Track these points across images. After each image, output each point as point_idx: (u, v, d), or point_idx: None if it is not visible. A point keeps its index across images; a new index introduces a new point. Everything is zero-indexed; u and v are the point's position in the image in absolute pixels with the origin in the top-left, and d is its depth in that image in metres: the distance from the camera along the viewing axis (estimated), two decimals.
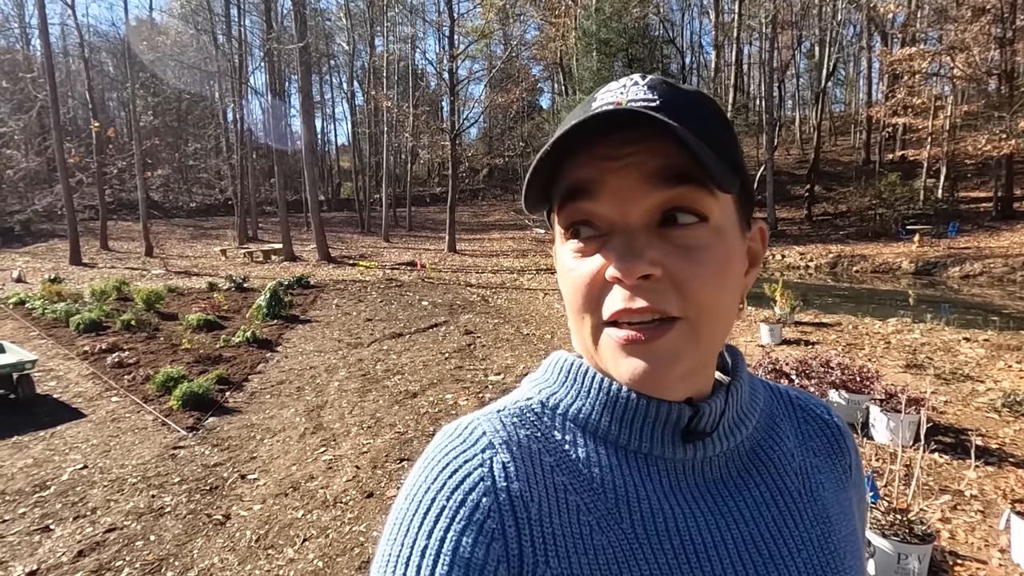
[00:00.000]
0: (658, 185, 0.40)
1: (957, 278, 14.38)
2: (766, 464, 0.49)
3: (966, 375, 5.38)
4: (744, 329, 7.69)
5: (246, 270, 15.40)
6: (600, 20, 22.54)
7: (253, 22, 29.64)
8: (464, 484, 0.41)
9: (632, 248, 0.40)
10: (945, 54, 18.62)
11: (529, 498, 0.42)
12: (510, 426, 0.46)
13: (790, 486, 0.49)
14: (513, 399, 0.50)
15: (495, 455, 0.43)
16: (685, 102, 0.42)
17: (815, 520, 0.48)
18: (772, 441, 0.51)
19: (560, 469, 0.44)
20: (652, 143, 0.40)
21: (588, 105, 0.44)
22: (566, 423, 0.47)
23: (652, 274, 0.40)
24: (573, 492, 0.43)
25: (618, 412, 0.45)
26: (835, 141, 35.34)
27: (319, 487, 3.59)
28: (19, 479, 3.76)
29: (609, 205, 0.41)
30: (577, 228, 0.43)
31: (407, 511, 0.41)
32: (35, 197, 26.61)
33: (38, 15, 16.92)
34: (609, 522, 0.42)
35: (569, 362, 0.50)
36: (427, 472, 0.43)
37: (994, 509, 3.05)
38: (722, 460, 0.47)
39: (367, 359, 6.65)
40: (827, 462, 0.54)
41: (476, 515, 0.40)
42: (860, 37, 33.48)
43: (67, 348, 7.03)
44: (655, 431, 0.45)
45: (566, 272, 0.44)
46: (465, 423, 0.47)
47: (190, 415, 4.79)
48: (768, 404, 0.54)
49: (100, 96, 32.92)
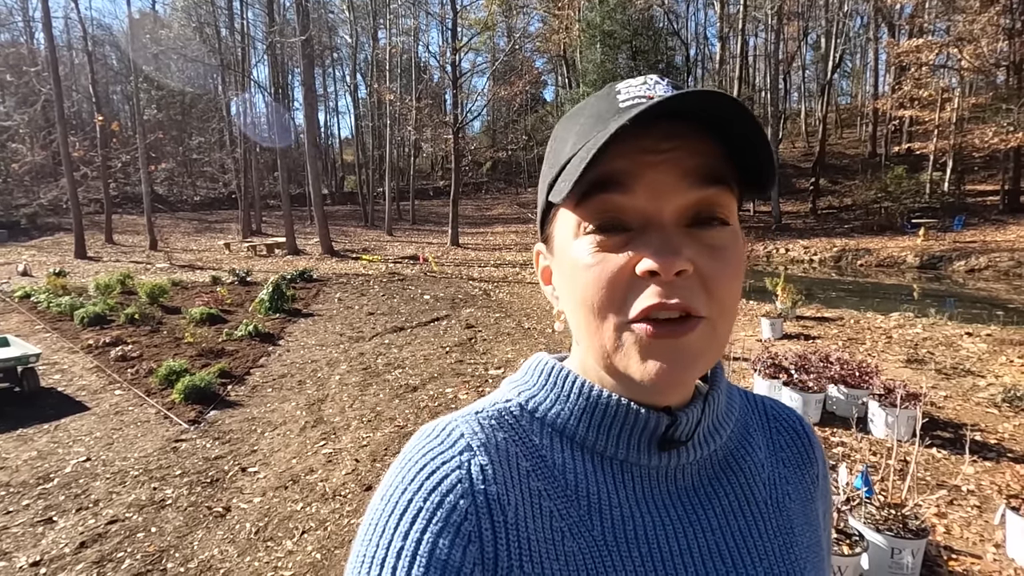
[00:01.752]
0: (695, 184, 0.40)
1: (962, 272, 14.30)
2: (737, 474, 0.50)
3: (967, 370, 5.36)
4: (745, 324, 7.68)
5: (249, 264, 15.45)
6: (604, 12, 22.38)
7: (256, 15, 29.61)
8: (442, 486, 0.41)
9: (670, 244, 0.39)
10: (953, 45, 18.44)
11: (506, 501, 0.42)
12: (488, 428, 0.45)
13: (758, 496, 0.50)
14: (491, 401, 0.49)
15: (473, 457, 0.43)
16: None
17: (778, 530, 0.49)
18: (744, 451, 0.52)
19: (536, 474, 0.44)
20: (692, 140, 0.40)
21: (611, 99, 0.43)
22: (544, 427, 0.47)
23: (686, 270, 0.39)
24: (547, 498, 0.43)
25: (596, 418, 0.45)
26: (841, 134, 35.08)
27: (319, 480, 3.62)
28: (24, 471, 3.81)
29: (644, 199, 0.40)
30: (603, 222, 0.41)
31: (383, 512, 0.41)
32: (40, 191, 26.73)
33: (41, 8, 16.93)
34: (581, 529, 0.43)
35: (550, 365, 0.49)
36: (404, 473, 0.42)
37: (990, 504, 3.05)
38: (695, 468, 0.48)
39: (368, 353, 6.68)
40: (796, 473, 0.54)
41: (453, 517, 0.40)
42: (867, 28, 33.17)
43: (71, 341, 7.09)
44: (632, 438, 0.45)
45: (584, 268, 0.41)
46: (443, 424, 0.46)
47: (192, 408, 4.84)
48: (743, 413, 0.55)
49: (104, 90, 32.95)
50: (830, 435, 3.99)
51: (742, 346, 6.33)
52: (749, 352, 5.82)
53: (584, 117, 0.44)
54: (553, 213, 0.47)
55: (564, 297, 0.46)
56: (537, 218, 0.50)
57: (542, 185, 0.48)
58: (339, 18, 37.29)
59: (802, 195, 25.45)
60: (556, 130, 0.48)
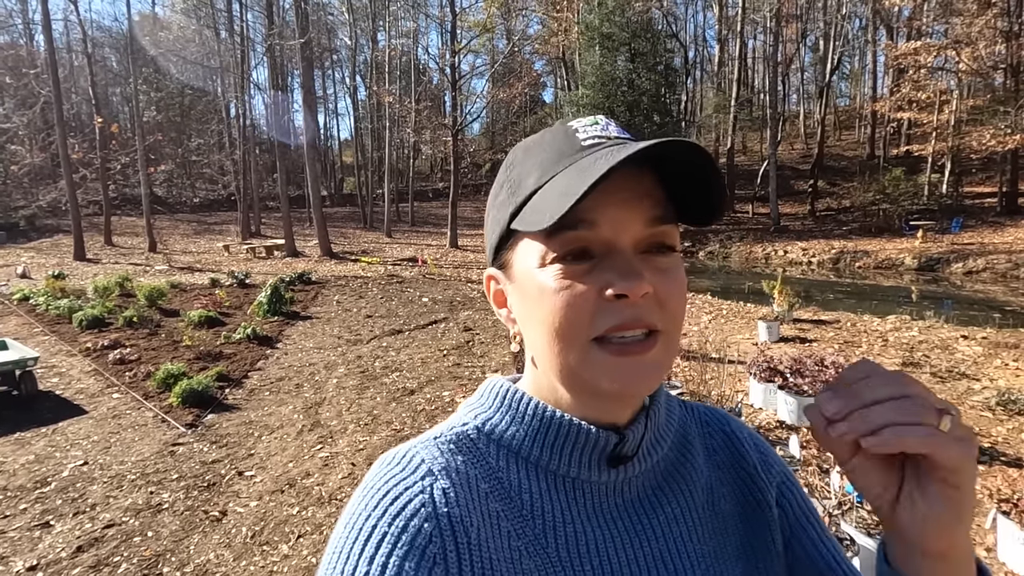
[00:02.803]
0: (650, 224, 0.44)
1: (960, 274, 14.33)
2: (679, 481, 0.54)
3: (962, 373, 5.38)
4: (742, 326, 7.70)
5: (248, 266, 15.46)
6: (603, 14, 22.40)
7: (255, 17, 29.61)
8: (406, 510, 0.42)
9: (633, 269, 0.43)
10: (951, 48, 18.46)
11: (468, 523, 0.43)
12: (447, 453, 0.47)
13: (697, 502, 0.54)
14: (449, 425, 0.51)
15: (435, 481, 0.44)
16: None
17: (714, 533, 0.53)
18: (685, 459, 0.55)
19: (494, 496, 0.46)
20: (644, 180, 0.45)
21: (570, 136, 0.47)
22: (500, 449, 0.49)
23: (649, 292, 0.43)
24: (505, 519, 0.46)
25: (550, 438, 0.48)
26: (839, 136, 35.14)
27: (315, 484, 3.64)
28: (21, 475, 3.83)
29: (607, 232, 0.44)
30: (569, 252, 0.44)
31: (347, 539, 0.41)
32: (39, 193, 26.74)
33: (41, 11, 16.97)
34: (536, 548, 0.45)
35: (505, 388, 0.52)
36: (367, 500, 0.43)
37: (981, 508, 3.07)
38: (640, 480, 0.51)
39: (366, 356, 6.70)
40: (730, 473, 0.58)
41: (418, 540, 0.41)
42: (865, 31, 33.23)
43: (70, 344, 7.10)
44: (583, 456, 0.48)
45: (552, 293, 0.44)
46: (403, 451, 0.48)
47: (190, 412, 4.85)
48: (682, 423, 0.58)
49: (103, 91, 32.95)
50: None
51: (738, 349, 6.35)
52: (745, 356, 5.84)
53: (545, 152, 0.48)
54: (513, 241, 0.49)
55: (526, 320, 0.48)
56: (491, 243, 0.52)
57: (499, 213, 0.50)
58: (338, 20, 37.34)
59: (801, 197, 25.48)
60: (513, 160, 0.51)
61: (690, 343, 6.30)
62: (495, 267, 0.52)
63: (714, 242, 21.19)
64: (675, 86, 26.15)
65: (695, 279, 14.44)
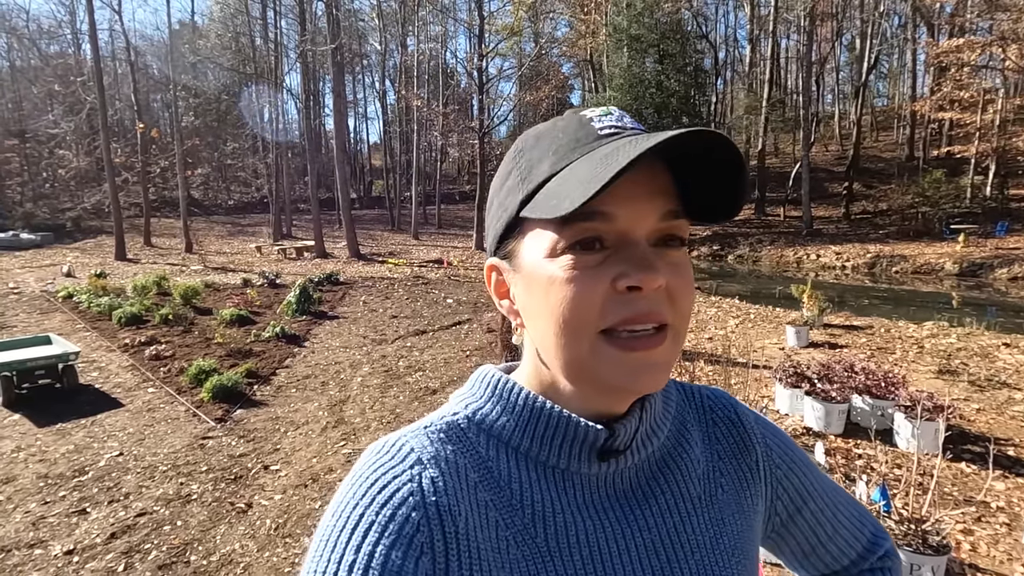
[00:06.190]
0: (665, 218, 0.44)
1: (1005, 280, 13.75)
2: (673, 472, 0.53)
3: (1003, 382, 5.16)
4: (771, 331, 7.54)
5: (279, 266, 15.82)
6: (631, 16, 22.28)
7: (289, 24, 30.36)
8: (393, 499, 0.42)
9: (647, 261, 0.42)
10: (996, 45, 17.74)
11: (457, 512, 0.43)
12: (437, 442, 0.47)
13: (692, 492, 0.53)
14: (440, 415, 0.51)
15: (424, 470, 0.44)
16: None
17: (710, 523, 0.52)
18: (681, 448, 0.54)
19: (483, 486, 0.46)
20: (660, 174, 0.44)
21: (586, 125, 0.45)
22: (490, 439, 0.49)
23: (662, 285, 0.42)
24: (494, 508, 0.45)
25: (539, 429, 0.48)
26: (876, 137, 34.09)
27: (337, 480, 3.70)
28: (61, 464, 4.00)
29: (623, 223, 0.43)
30: (581, 241, 0.43)
31: (334, 527, 0.41)
32: (85, 195, 27.89)
33: (88, 21, 17.73)
34: (525, 537, 0.45)
35: (496, 377, 0.52)
36: (355, 489, 0.43)
37: (1020, 523, 2.94)
38: (633, 471, 0.51)
39: (391, 355, 6.79)
40: (731, 464, 0.56)
41: (406, 529, 0.41)
42: (904, 28, 32.15)
43: (109, 340, 7.39)
44: (572, 449, 0.48)
45: (562, 283, 0.43)
46: (392, 440, 0.47)
47: (219, 407, 4.99)
48: (680, 410, 0.57)
49: (145, 98, 34.25)
50: (853, 447, 3.90)
51: (764, 354, 6.22)
52: (772, 360, 5.71)
53: (559, 139, 0.46)
54: (521, 229, 0.47)
55: (531, 311, 0.47)
56: (495, 231, 0.50)
57: (507, 200, 0.47)
58: (369, 26, 38.04)
59: (835, 199, 24.80)
60: (523, 146, 0.48)
61: (715, 347, 6.20)
62: (498, 257, 0.51)
63: (744, 245, 20.79)
64: (705, 87, 25.81)
65: (723, 283, 14.18)
